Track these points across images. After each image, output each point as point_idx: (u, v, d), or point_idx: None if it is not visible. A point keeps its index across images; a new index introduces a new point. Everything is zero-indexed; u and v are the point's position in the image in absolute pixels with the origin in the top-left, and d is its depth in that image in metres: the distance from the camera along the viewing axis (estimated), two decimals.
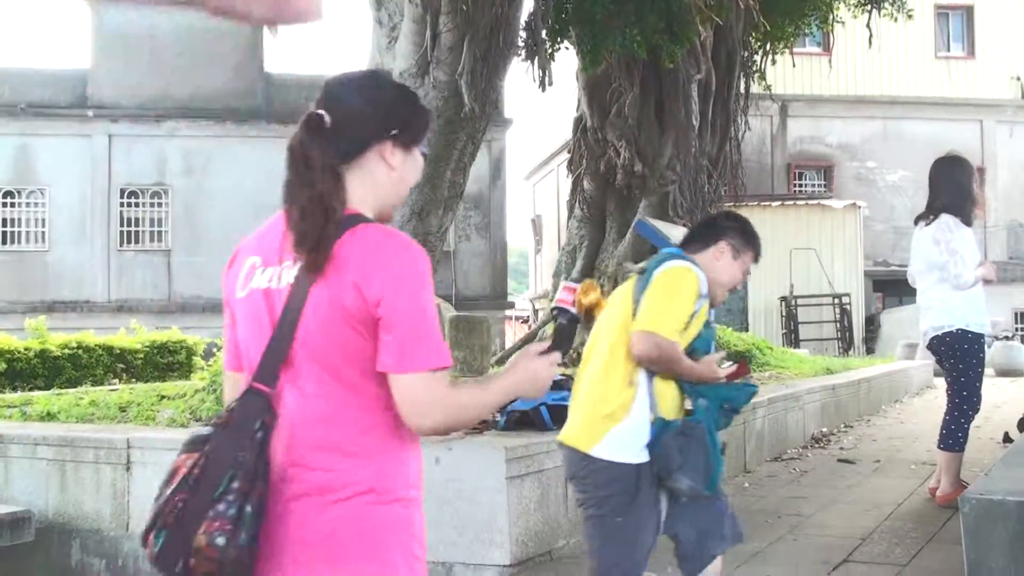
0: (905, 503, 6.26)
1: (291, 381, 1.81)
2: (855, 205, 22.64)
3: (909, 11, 14.55)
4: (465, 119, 7.57)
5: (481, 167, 22.71)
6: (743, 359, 4.27)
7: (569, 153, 14.62)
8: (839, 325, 21.09)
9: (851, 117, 26.05)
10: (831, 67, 20.57)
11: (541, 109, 28.23)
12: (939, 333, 5.97)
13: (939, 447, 6.06)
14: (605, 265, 13.38)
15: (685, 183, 13.10)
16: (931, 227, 5.97)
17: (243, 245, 1.99)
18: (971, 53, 27.11)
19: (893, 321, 22.14)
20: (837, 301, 21.07)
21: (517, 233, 39.19)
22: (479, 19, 7.48)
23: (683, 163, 12.98)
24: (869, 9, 14.06)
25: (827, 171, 26.24)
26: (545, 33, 10.30)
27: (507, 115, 24.61)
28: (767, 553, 5.06)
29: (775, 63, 15.28)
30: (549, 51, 10.54)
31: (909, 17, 14.66)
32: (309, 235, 1.78)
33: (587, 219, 13.83)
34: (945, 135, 24.59)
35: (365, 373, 1.80)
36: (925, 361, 14.49)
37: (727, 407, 3.27)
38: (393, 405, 1.80)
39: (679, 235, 4.82)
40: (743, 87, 14.08)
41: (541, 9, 9.77)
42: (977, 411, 6.05)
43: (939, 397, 6.86)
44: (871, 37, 13.63)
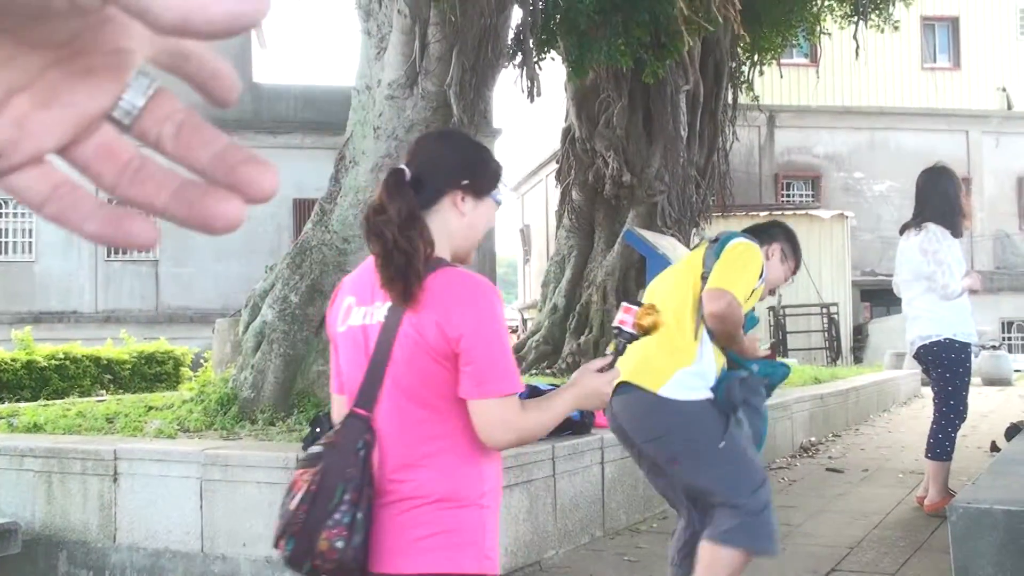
0: (893, 512, 6.28)
1: (384, 405, 2.10)
2: (843, 215, 22.71)
3: (895, 22, 14.64)
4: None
5: None
6: (773, 345, 4.58)
7: (557, 163, 14.66)
8: (827, 335, 21.14)
9: (838, 128, 26.15)
10: (818, 78, 20.67)
11: (530, 120, 28.25)
12: (926, 342, 6.00)
13: (927, 456, 6.07)
14: (593, 275, 13.39)
15: (673, 193, 13.13)
16: (918, 237, 6.00)
17: (342, 285, 2.28)
18: (957, 64, 27.27)
19: (881, 331, 22.21)
20: (825, 311, 21.12)
21: (505, 243, 39.21)
22: (467, 30, 7.50)
23: (671, 173, 13.02)
24: (855, 20, 14.15)
25: (815, 181, 26.33)
26: (533, 44, 10.33)
27: (496, 125, 24.61)
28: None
29: (763, 74, 15.36)
30: (537, 62, 10.57)
31: (895, 28, 14.76)
32: (396, 278, 2.02)
33: (575, 229, 13.85)
34: (932, 145, 24.70)
35: (444, 398, 2.06)
36: (913, 371, 14.54)
37: (766, 383, 3.57)
38: (468, 425, 2.07)
39: (667, 245, 5.08)
40: (731, 98, 14.14)
41: (529, 20, 9.80)
42: (964, 420, 6.07)
43: (927, 406, 6.88)
44: (858, 48, 13.71)
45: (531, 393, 3.97)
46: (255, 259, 19.54)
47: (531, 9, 9.66)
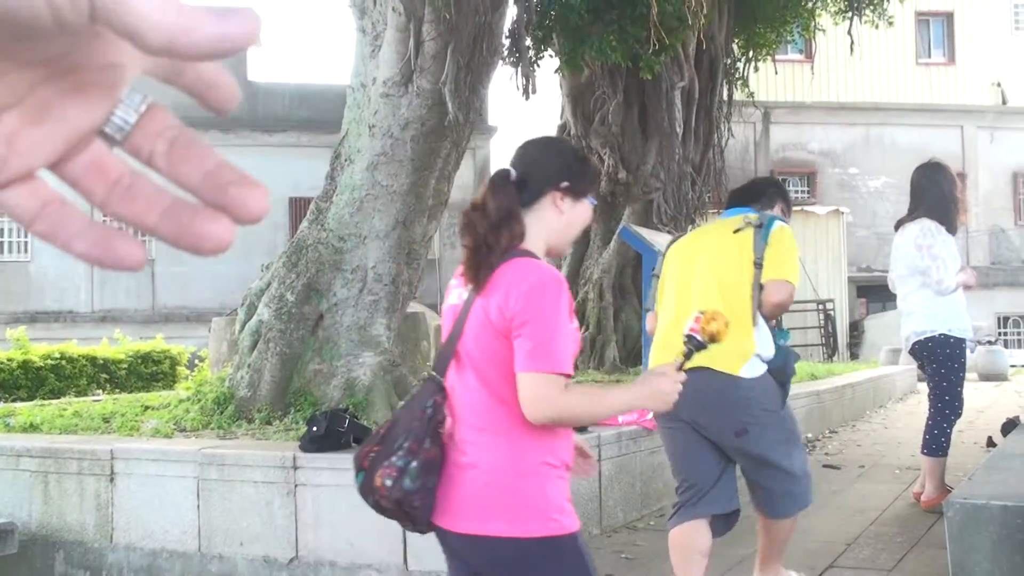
0: (890, 508, 6.28)
1: (456, 374, 2.35)
2: (838, 211, 22.73)
3: (890, 18, 14.65)
4: (449, 127, 7.56)
5: (465, 175, 22.68)
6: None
7: None
8: (823, 331, 21.14)
9: (833, 123, 26.17)
10: (813, 74, 20.69)
11: (525, 117, 28.32)
12: (921, 338, 6.00)
13: (923, 452, 6.08)
14: (590, 272, 13.40)
15: (669, 190, 13.14)
16: (912, 232, 5.99)
17: (457, 272, 2.50)
18: (952, 59, 27.29)
19: (877, 327, 22.23)
20: (821, 307, 21.13)
21: None
22: (463, 27, 7.48)
23: (667, 170, 13.03)
24: (850, 16, 14.15)
25: (810, 177, 26.35)
26: (529, 41, 10.32)
27: (491, 123, 24.61)
28: (753, 559, 5.06)
29: (758, 70, 15.37)
30: (532, 59, 10.57)
31: (890, 24, 14.77)
32: (473, 268, 2.30)
33: None
34: (926, 141, 24.72)
35: (503, 373, 2.26)
36: (909, 366, 14.55)
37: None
38: None
39: (663, 241, 5.23)
40: (726, 94, 14.15)
41: (524, 17, 9.79)
42: (959, 416, 6.07)
43: (923, 402, 6.89)
44: (852, 44, 13.71)
45: None
46: (251, 258, 19.50)
47: (526, 6, 9.65)
